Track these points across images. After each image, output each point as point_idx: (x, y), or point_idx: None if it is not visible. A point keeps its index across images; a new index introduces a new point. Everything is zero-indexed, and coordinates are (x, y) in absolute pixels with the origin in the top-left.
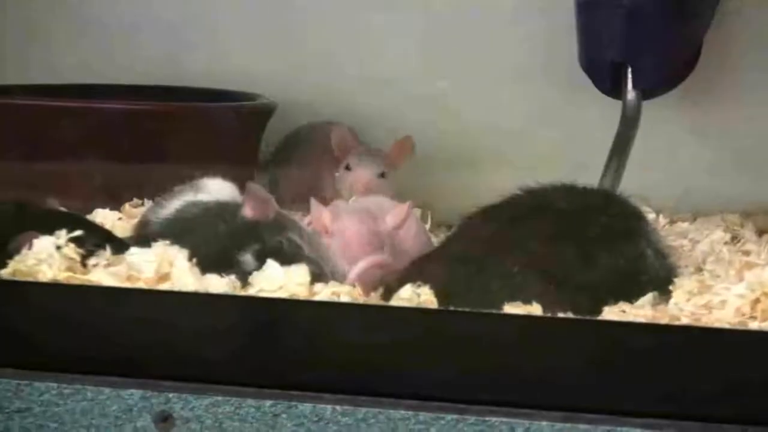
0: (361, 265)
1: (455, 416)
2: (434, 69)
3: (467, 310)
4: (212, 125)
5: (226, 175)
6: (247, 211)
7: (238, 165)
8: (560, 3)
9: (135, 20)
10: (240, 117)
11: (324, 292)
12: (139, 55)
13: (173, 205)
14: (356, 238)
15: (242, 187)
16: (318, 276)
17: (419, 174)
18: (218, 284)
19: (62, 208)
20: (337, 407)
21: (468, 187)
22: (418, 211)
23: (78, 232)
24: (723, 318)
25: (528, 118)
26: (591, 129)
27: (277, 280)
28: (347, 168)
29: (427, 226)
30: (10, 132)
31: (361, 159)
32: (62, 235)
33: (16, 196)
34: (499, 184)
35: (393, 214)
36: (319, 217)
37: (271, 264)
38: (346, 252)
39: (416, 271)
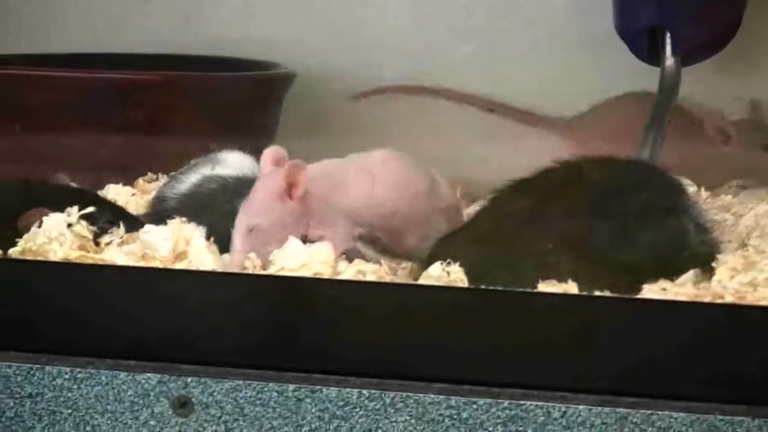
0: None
1: (488, 400)
2: (463, 35)
3: (499, 288)
4: (229, 96)
5: (244, 148)
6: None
7: (257, 137)
8: None
9: None
10: (258, 87)
11: (349, 271)
12: (153, 22)
13: (190, 179)
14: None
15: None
16: None
17: (447, 145)
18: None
19: (73, 184)
20: (364, 391)
21: (497, 158)
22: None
23: (90, 209)
24: None
25: (560, 85)
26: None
27: (300, 258)
28: None
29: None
30: (16, 104)
31: None
32: (73, 212)
33: (24, 172)
34: (529, 155)
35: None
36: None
37: (293, 241)
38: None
39: (446, 247)
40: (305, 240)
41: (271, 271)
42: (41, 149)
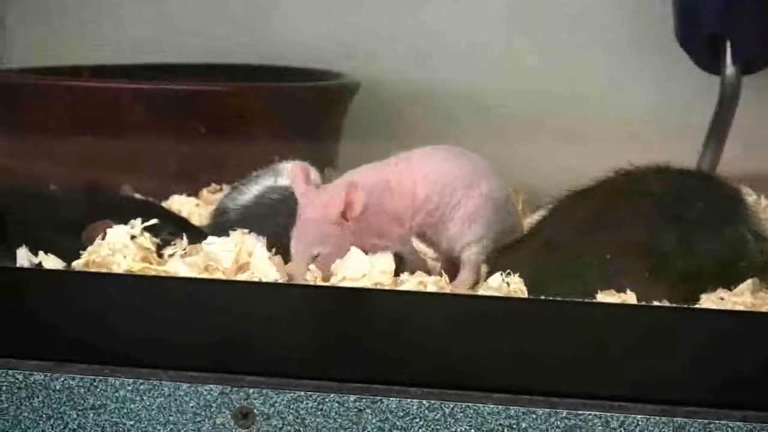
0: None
1: (547, 410)
2: (520, 36)
3: (559, 299)
4: (294, 106)
5: (308, 159)
6: None
7: (322, 147)
8: None
9: None
10: (323, 97)
11: (410, 282)
12: (215, 31)
13: (252, 191)
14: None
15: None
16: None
17: (507, 150)
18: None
19: (137, 195)
20: (424, 402)
21: (560, 163)
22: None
23: (153, 221)
24: None
25: (625, 91)
26: (690, 103)
27: (361, 268)
28: None
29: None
30: (82, 115)
31: None
32: (137, 224)
33: (90, 183)
34: (589, 160)
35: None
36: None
37: (354, 251)
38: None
39: (506, 258)
40: (362, 249)
41: (333, 281)
42: (109, 160)
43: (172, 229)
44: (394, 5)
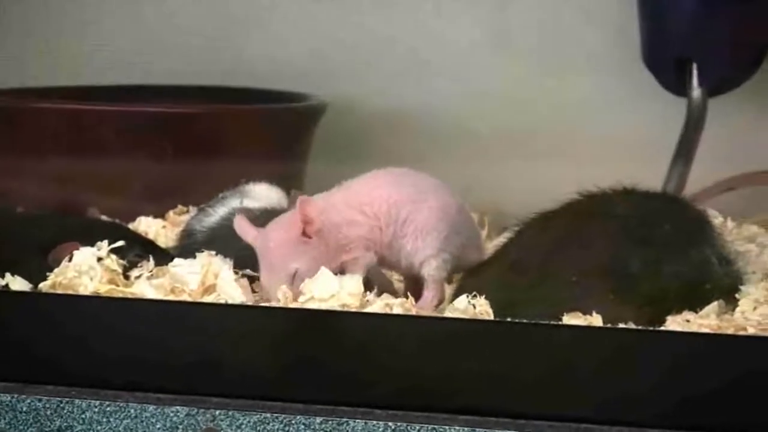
0: None
1: None
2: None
3: (525, 321)
4: (262, 127)
5: (275, 179)
6: None
7: (290, 169)
8: None
9: (173, 15)
10: (291, 118)
11: (376, 304)
12: (182, 53)
13: (219, 212)
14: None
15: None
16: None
17: (474, 171)
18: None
19: (103, 217)
20: (390, 424)
21: (527, 185)
22: (474, 215)
23: (119, 243)
24: None
25: (592, 111)
26: (657, 124)
27: (330, 289)
28: None
29: (484, 232)
30: (49, 136)
31: None
32: (103, 245)
33: (56, 205)
34: (559, 181)
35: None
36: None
37: (324, 271)
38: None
39: (472, 280)
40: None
41: (301, 299)
42: (76, 181)
43: (138, 250)
44: (359, 27)
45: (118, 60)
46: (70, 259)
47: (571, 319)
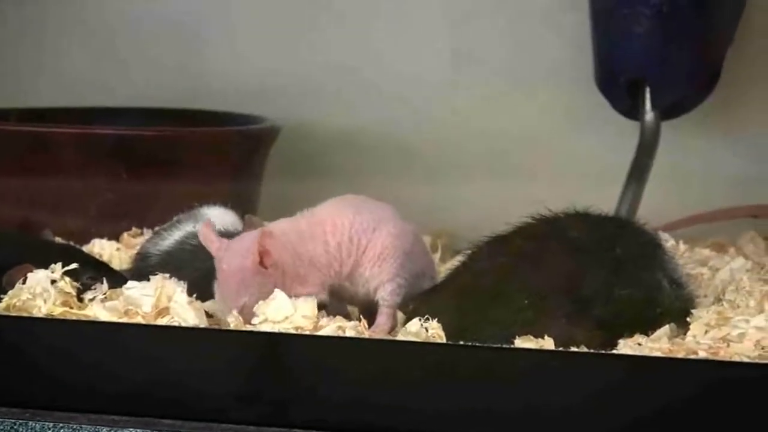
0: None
1: None
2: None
3: (477, 344)
4: (216, 150)
5: (229, 203)
6: None
7: (243, 192)
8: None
9: (132, 40)
10: (244, 141)
11: (329, 327)
12: (137, 75)
13: (172, 236)
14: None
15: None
16: None
17: (427, 195)
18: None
19: (57, 239)
20: None
21: (480, 206)
22: (427, 239)
23: (73, 266)
24: (741, 351)
25: (545, 134)
26: (610, 146)
27: (284, 311)
28: None
29: (437, 255)
30: (2, 158)
31: None
32: (57, 268)
33: (10, 227)
34: (511, 204)
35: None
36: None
37: (279, 294)
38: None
39: (424, 303)
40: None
41: (255, 321)
42: (30, 203)
43: (92, 273)
44: (314, 49)
45: (73, 81)
46: (24, 282)
47: (523, 343)
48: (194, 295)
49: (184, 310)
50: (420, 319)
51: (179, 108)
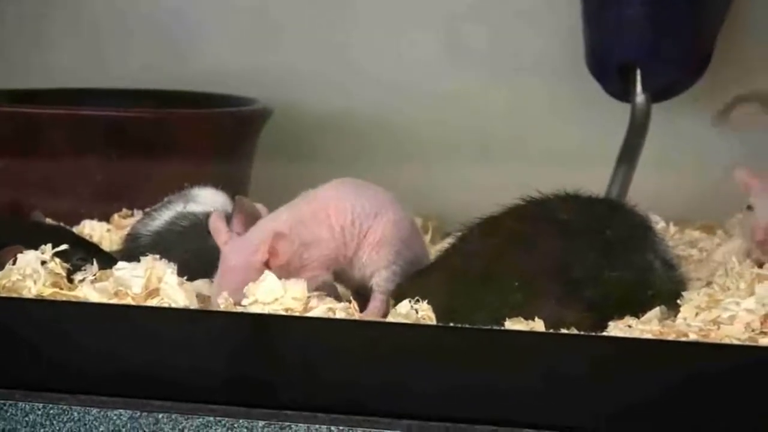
0: None
1: None
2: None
3: (467, 326)
4: (207, 132)
5: (220, 184)
6: (236, 226)
7: (234, 173)
8: None
9: (126, 21)
10: (235, 123)
11: (319, 308)
12: (130, 57)
13: (163, 217)
14: None
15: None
16: None
17: (419, 177)
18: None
19: (48, 220)
20: (332, 428)
21: (471, 188)
22: (418, 220)
23: (63, 246)
24: (731, 334)
25: (536, 116)
26: (601, 129)
27: (275, 292)
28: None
29: (428, 237)
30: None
31: None
32: (47, 249)
33: (1, 208)
34: (502, 186)
35: None
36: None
37: (269, 275)
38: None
39: (414, 285)
40: None
41: (245, 303)
42: (21, 185)
43: (82, 254)
44: (307, 33)
45: (65, 63)
46: (14, 263)
47: (513, 324)
48: (185, 277)
49: (174, 292)
50: (410, 301)
51: (172, 90)
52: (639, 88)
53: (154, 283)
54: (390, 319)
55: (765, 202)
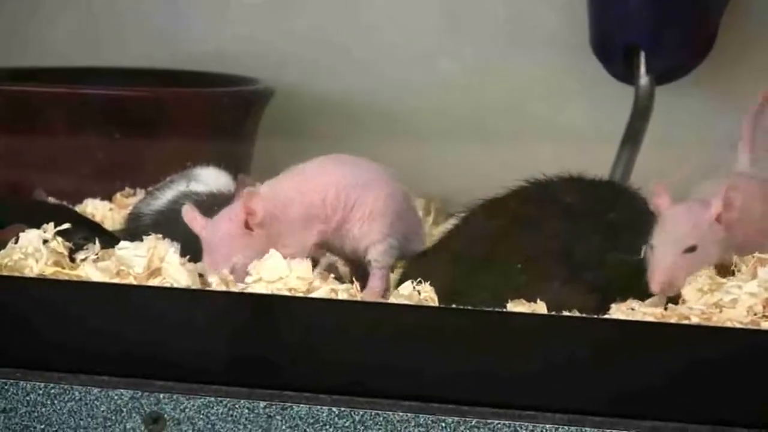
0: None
1: (456, 418)
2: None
3: (469, 308)
4: (209, 111)
5: (222, 163)
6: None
7: (236, 153)
8: None
9: None
10: (236, 102)
11: (322, 289)
12: (131, 35)
13: (165, 196)
14: None
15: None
16: None
17: (420, 158)
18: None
19: (50, 199)
20: (334, 409)
21: (474, 170)
22: (420, 202)
23: (65, 225)
24: (734, 317)
25: (539, 98)
26: (605, 111)
27: (279, 271)
28: None
29: (430, 219)
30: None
31: None
32: (49, 228)
33: (2, 187)
34: (506, 168)
35: None
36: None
37: (274, 254)
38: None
39: (417, 266)
40: None
41: (249, 280)
42: (23, 163)
43: (85, 233)
44: (308, 13)
45: (65, 41)
46: (16, 241)
47: (515, 306)
48: (187, 256)
49: (176, 271)
50: (412, 282)
51: (176, 69)
52: (643, 70)
53: (156, 263)
54: (392, 300)
55: (668, 237)
